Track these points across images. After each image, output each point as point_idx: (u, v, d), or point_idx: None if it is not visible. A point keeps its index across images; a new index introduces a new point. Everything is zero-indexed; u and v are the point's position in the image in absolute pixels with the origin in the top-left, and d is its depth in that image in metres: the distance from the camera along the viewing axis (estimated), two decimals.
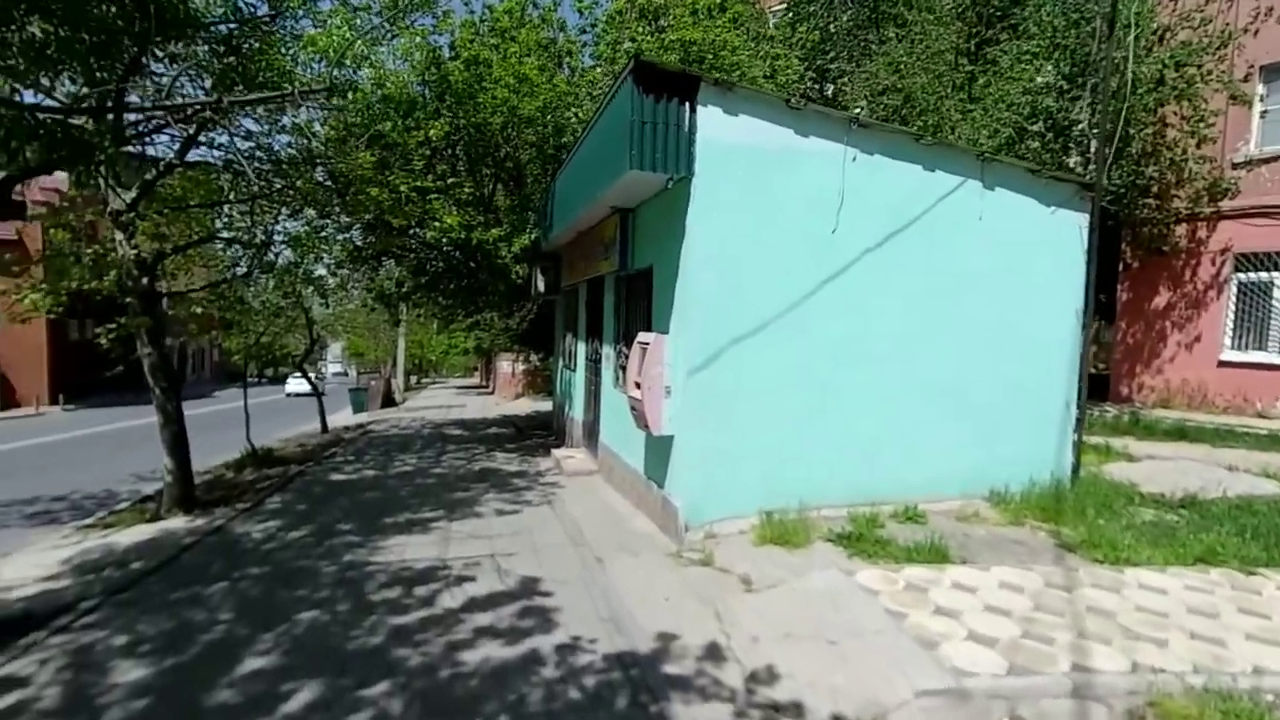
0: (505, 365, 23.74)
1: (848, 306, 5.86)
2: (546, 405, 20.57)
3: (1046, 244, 6.34)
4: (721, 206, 5.56)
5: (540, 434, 13.61)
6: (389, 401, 22.06)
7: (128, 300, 7.21)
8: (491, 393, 27.90)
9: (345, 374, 44.74)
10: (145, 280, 7.33)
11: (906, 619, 3.56)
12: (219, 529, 6.42)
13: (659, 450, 6.16)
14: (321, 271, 11.71)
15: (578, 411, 10.38)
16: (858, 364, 5.92)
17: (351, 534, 6.10)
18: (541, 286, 11.77)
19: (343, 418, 19.83)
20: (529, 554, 5.44)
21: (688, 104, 5.43)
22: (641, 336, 6.21)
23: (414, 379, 39.66)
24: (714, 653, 3.59)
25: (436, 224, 7.55)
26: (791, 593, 4.08)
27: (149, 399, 7.70)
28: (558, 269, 11.87)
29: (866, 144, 5.82)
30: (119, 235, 7.13)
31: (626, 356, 7.70)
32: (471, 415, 18.41)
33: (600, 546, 5.61)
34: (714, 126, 5.48)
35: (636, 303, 7.45)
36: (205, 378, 38.83)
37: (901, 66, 10.88)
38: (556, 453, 9.95)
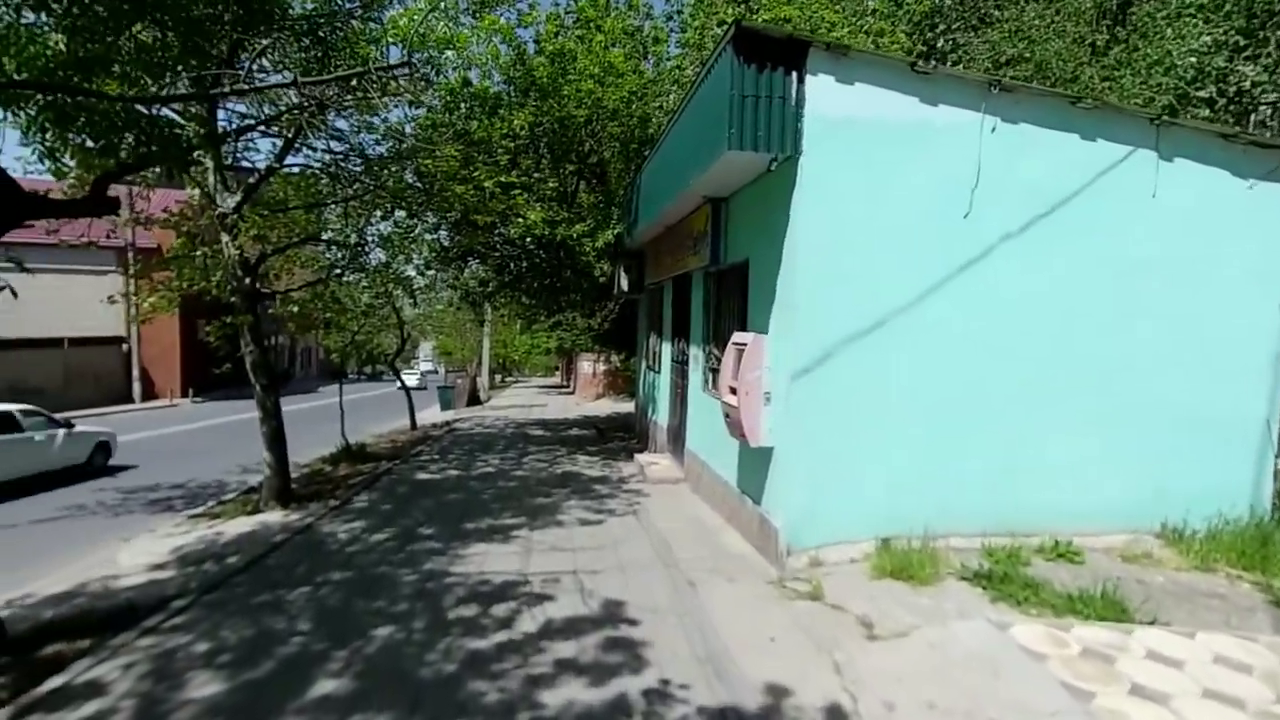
0: (586, 365, 23.70)
1: (983, 301, 5.01)
2: (627, 406, 20.27)
3: (1241, 224, 5.17)
4: (833, 189, 4.87)
5: (622, 436, 13.25)
6: (474, 400, 22.57)
7: (232, 299, 7.45)
8: (572, 393, 28.04)
9: (435, 372, 46.81)
10: (248, 280, 7.54)
11: (1094, 700, 2.78)
12: (308, 527, 6.42)
13: (756, 463, 5.55)
14: (411, 272, 11.92)
15: (662, 415, 9.90)
16: (994, 367, 5.05)
17: (433, 539, 5.89)
18: (625, 285, 11.39)
19: (431, 415, 20.43)
20: (614, 572, 4.99)
21: (795, 73, 4.79)
22: (737, 337, 5.62)
23: (498, 378, 40.77)
24: (839, 719, 2.97)
25: (520, 220, 7.31)
26: (929, 648, 3.37)
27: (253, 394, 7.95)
28: (641, 267, 11.46)
29: (1009, 111, 4.94)
30: (225, 237, 7.36)
31: (717, 358, 7.13)
32: (553, 415, 18.40)
33: (691, 567, 5.07)
34: (825, 98, 4.81)
35: (729, 300, 6.86)
36: (312, 374, 41.68)
37: (1031, 32, 9.61)
38: (640, 458, 9.51)
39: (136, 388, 23.16)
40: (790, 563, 4.88)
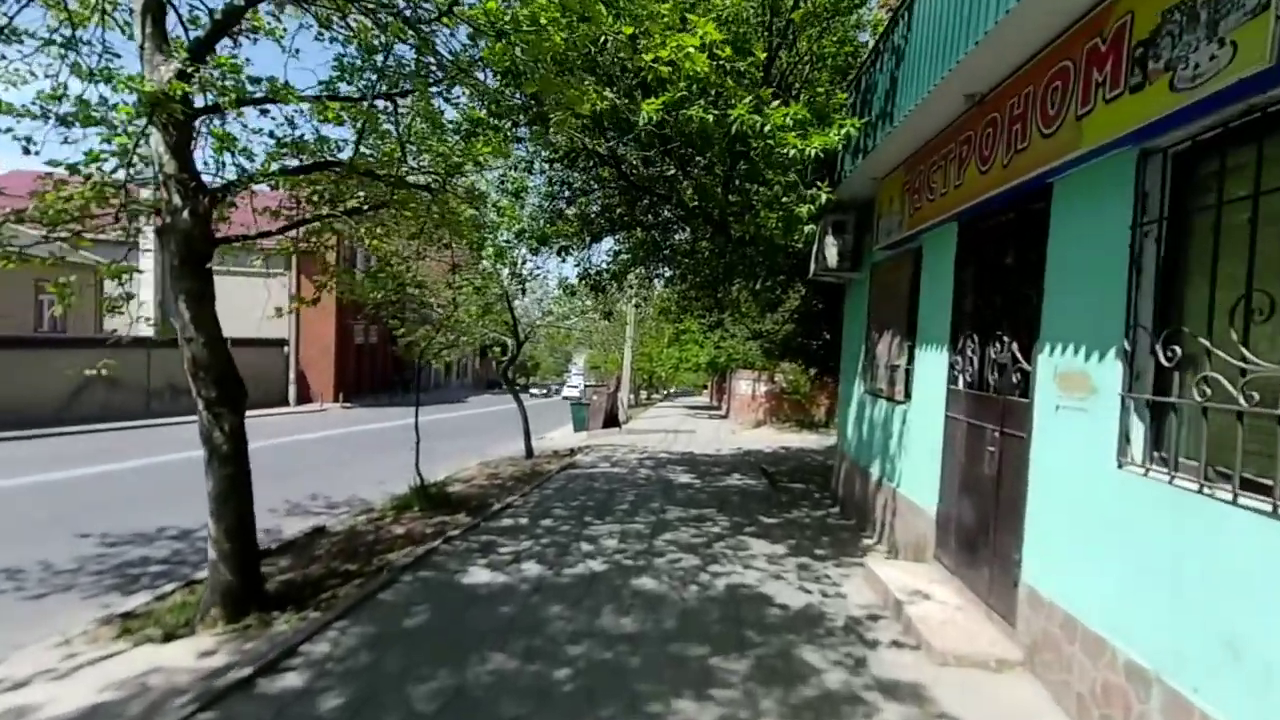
0: (744, 385, 19.01)
1: None
2: (799, 441, 15.22)
3: None
4: None
5: (804, 491, 8.49)
6: (612, 420, 18.93)
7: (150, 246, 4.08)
8: (725, 416, 23.45)
9: (576, 387, 45.03)
10: (187, 215, 4.12)
11: None
12: None
13: None
14: (521, 250, 8.30)
15: (918, 488, 5.02)
16: None
17: None
18: (832, 257, 6.77)
19: (561, 435, 17.10)
20: None
21: None
22: None
23: (643, 394, 37.47)
24: None
25: (665, 67, 3.12)
26: None
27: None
28: (860, 226, 6.76)
29: None
30: (154, 130, 4.03)
31: (1171, 364, 2.24)
32: (703, 448, 14.00)
33: None
34: None
35: None
36: (466, 383, 41.60)
37: None
38: (880, 571, 4.70)
39: (292, 390, 22.83)
40: None
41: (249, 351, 21.64)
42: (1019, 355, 3.71)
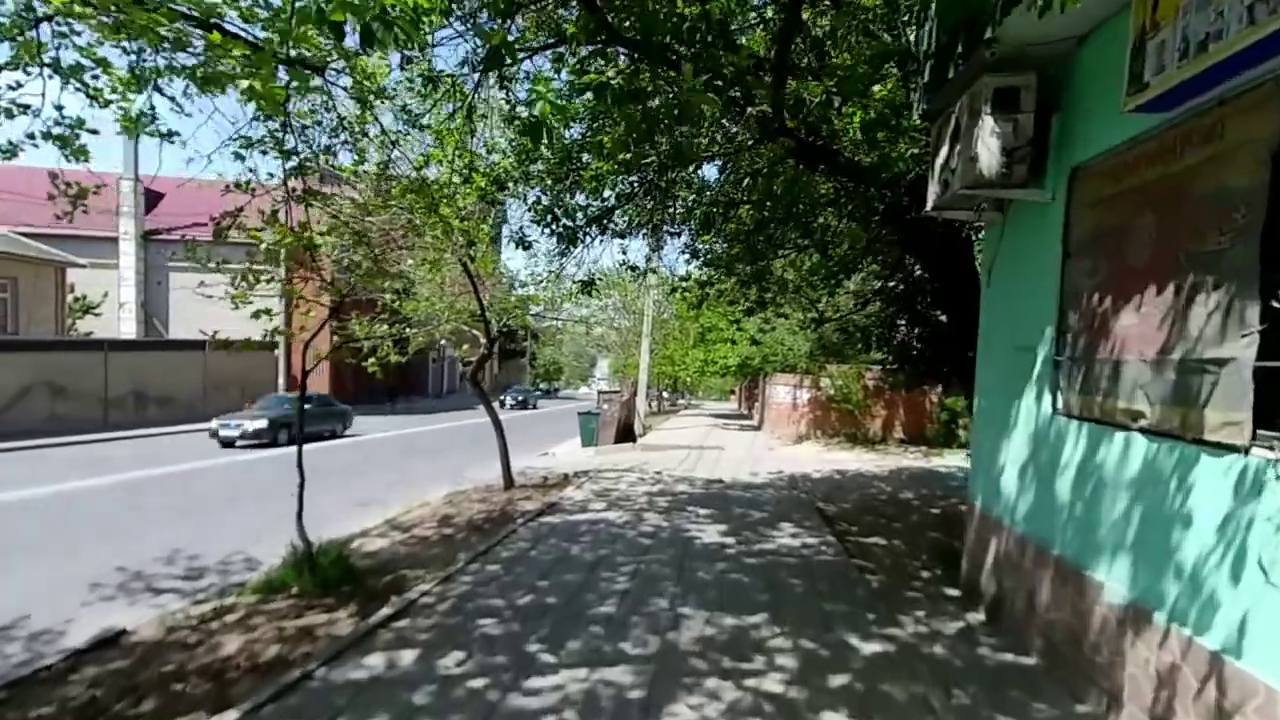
0: (782, 392, 15.56)
1: None
2: (849, 459, 11.54)
3: None
4: None
5: (887, 552, 5.14)
6: (627, 433, 15.74)
7: None
8: (758, 428, 20.00)
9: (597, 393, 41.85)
10: None
11: None
12: None
13: None
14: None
15: None
16: None
17: None
18: (991, 159, 3.47)
19: (565, 452, 14.03)
20: None
21: None
22: None
23: (666, 399, 34.23)
24: None
25: None
26: None
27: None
28: (1043, 104, 3.47)
29: None
30: None
31: None
32: (734, 473, 10.71)
33: None
34: None
35: None
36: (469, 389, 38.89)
37: None
38: None
39: None
40: None
41: (232, 356, 19.18)
42: None
